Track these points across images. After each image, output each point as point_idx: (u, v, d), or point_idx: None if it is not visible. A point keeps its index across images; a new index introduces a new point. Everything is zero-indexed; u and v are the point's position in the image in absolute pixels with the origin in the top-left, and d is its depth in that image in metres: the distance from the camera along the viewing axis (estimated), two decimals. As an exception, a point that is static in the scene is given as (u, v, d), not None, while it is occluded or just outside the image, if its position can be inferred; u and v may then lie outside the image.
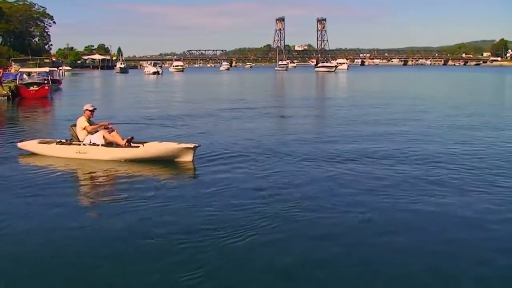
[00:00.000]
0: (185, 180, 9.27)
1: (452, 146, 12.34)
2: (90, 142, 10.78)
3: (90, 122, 11.05)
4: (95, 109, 11.25)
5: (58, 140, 11.38)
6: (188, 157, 10.38)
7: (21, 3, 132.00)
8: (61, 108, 27.19)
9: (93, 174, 9.74)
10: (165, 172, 9.77)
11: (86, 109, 11.09)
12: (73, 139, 11.08)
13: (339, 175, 9.34)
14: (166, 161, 10.34)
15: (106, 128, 10.93)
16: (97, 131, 10.88)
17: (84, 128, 10.90)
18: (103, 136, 10.76)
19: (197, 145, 10.49)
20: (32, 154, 11.30)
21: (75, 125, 11.21)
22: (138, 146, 10.63)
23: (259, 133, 14.96)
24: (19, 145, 11.68)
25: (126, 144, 10.71)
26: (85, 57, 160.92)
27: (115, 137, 10.82)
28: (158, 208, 7.29)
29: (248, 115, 20.76)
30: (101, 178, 9.57)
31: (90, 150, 10.74)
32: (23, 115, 22.77)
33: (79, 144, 10.86)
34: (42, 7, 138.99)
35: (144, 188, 8.42)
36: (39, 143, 11.44)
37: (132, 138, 10.90)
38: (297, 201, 7.56)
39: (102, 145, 10.71)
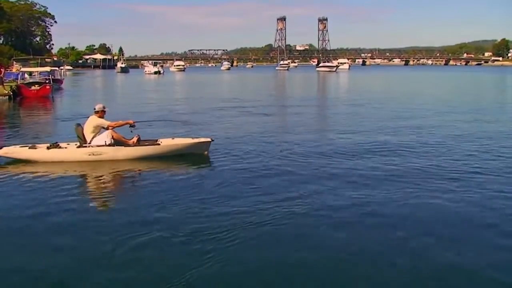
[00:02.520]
0: (205, 173, 9.57)
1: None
2: (106, 143, 10.45)
3: None
4: (106, 108, 11.03)
5: (49, 144, 10.68)
6: (203, 151, 10.99)
7: (22, 2, 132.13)
8: (62, 107, 27.10)
9: (122, 175, 9.55)
10: (188, 167, 10.09)
11: (99, 109, 10.76)
12: (80, 141, 10.56)
13: (350, 170, 9.44)
14: (184, 157, 10.65)
15: (132, 126, 10.89)
16: (108, 129, 10.65)
17: (107, 127, 10.60)
18: (112, 136, 10.59)
19: (212, 139, 11.16)
20: (18, 161, 10.32)
21: (79, 125, 10.85)
22: (158, 144, 10.84)
23: (264, 130, 15.30)
24: (0, 152, 10.49)
25: (136, 142, 10.69)
26: (87, 57, 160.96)
27: (122, 136, 10.77)
28: (194, 202, 7.51)
29: (250, 114, 20.73)
30: (131, 178, 9.43)
31: (105, 151, 10.37)
32: (24, 115, 22.72)
33: (86, 146, 10.46)
34: (44, 6, 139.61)
35: (173, 186, 8.54)
36: (30, 148, 10.54)
37: (139, 137, 10.88)
38: (309, 197, 7.67)
39: (116, 145, 10.54)
